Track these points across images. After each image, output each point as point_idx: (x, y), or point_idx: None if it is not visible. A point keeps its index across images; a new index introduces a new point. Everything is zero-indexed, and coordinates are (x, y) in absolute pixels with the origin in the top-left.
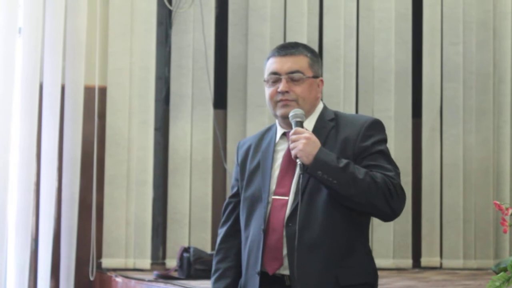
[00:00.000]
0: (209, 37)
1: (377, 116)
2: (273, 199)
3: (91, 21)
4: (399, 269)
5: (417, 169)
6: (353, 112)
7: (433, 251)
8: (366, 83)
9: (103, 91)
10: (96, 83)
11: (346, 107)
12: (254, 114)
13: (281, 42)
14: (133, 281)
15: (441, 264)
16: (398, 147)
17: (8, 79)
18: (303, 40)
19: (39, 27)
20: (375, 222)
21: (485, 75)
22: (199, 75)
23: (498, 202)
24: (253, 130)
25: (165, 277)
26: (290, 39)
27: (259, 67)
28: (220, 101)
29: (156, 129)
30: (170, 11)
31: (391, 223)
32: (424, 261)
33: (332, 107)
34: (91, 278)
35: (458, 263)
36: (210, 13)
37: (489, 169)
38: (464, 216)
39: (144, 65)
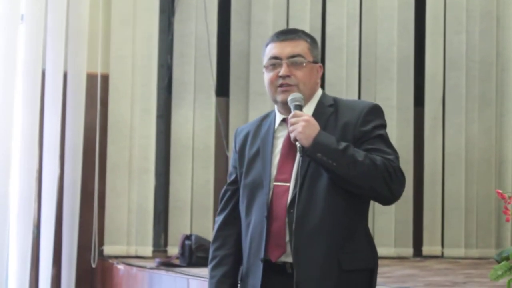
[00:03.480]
0: (212, 25)
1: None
2: (275, 185)
3: (94, 9)
4: (400, 258)
5: (419, 158)
6: None
7: (435, 240)
8: (368, 72)
9: (105, 78)
10: (99, 70)
11: (349, 96)
12: (256, 102)
13: None
14: (134, 269)
15: (442, 253)
16: (400, 135)
17: (10, 66)
18: (306, 28)
19: (41, 14)
20: (377, 210)
21: (488, 64)
22: (202, 63)
23: (500, 191)
24: (255, 117)
25: (167, 264)
26: (293, 26)
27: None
28: (222, 89)
29: (158, 117)
30: None
31: (392, 212)
32: (426, 250)
33: (335, 95)
34: (93, 265)
35: (460, 252)
36: (212, 1)
37: (491, 159)
38: (466, 205)
39: (147, 52)
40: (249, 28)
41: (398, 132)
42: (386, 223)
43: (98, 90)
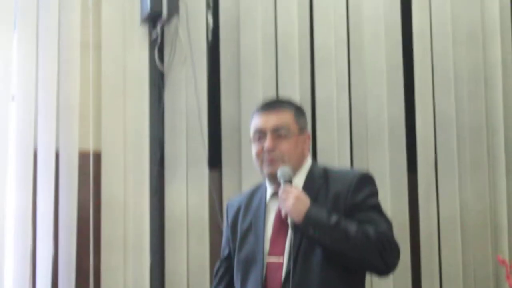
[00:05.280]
0: (202, 97)
1: (373, 171)
2: (268, 261)
3: (84, 85)
4: None
5: (415, 224)
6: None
7: None
8: (360, 139)
9: (97, 155)
10: (91, 147)
11: (341, 163)
12: (249, 173)
13: None
14: None
15: None
16: (394, 202)
17: (2, 146)
18: (296, 97)
19: (32, 93)
20: (375, 280)
21: (478, 127)
22: (193, 136)
23: (501, 257)
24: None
25: None
26: (282, 96)
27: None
28: (214, 161)
29: (151, 192)
30: (162, 72)
31: (390, 281)
32: None
33: (327, 162)
34: None
35: None
36: (202, 72)
37: (486, 223)
38: (464, 271)
39: (138, 127)
40: (239, 99)
41: (392, 199)
42: None
43: (91, 168)
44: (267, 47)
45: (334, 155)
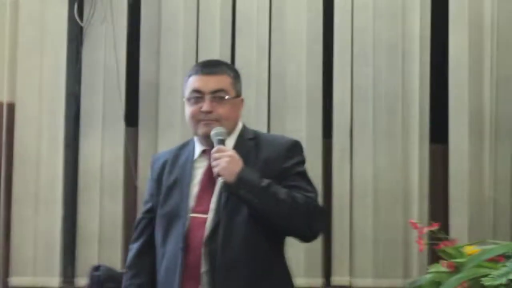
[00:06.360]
0: (121, 54)
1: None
2: (192, 217)
3: (0, 36)
4: None
5: (327, 189)
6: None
7: (343, 270)
8: (277, 103)
9: (11, 107)
10: (5, 99)
11: (258, 127)
12: (165, 132)
13: (193, 61)
14: None
15: (350, 283)
16: (309, 167)
17: None
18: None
19: None
20: (287, 241)
21: (394, 97)
22: (111, 93)
23: (414, 221)
24: (165, 148)
25: None
26: (203, 57)
27: (171, 86)
28: (131, 119)
29: (66, 146)
30: (81, 28)
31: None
32: (335, 280)
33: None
34: None
35: (367, 282)
36: (122, 30)
37: (398, 191)
38: (374, 236)
39: (54, 81)
40: (158, 58)
41: (307, 164)
42: (296, 253)
43: (4, 119)
44: (188, 7)
45: (251, 118)
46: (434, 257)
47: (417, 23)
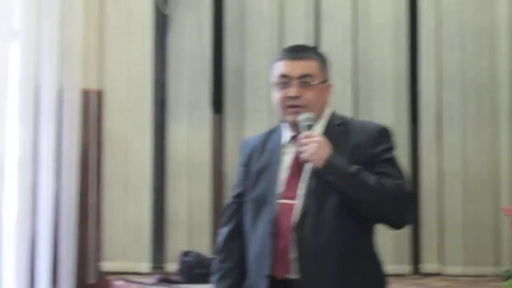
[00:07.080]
0: (206, 41)
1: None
2: (281, 202)
3: (87, 25)
4: (397, 275)
5: (416, 175)
6: None
7: (432, 257)
8: (363, 90)
9: (100, 94)
10: (93, 86)
11: (345, 113)
12: (251, 118)
13: (278, 46)
14: (133, 285)
15: (440, 270)
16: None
17: (3, 82)
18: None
19: (34, 30)
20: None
21: (482, 83)
22: (197, 80)
23: (508, 207)
24: (251, 134)
25: (167, 280)
26: (287, 43)
27: (256, 71)
28: (217, 105)
29: (154, 133)
30: (166, 16)
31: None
32: (423, 267)
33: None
34: (91, 282)
35: (458, 269)
36: (206, 17)
37: (488, 178)
38: (464, 223)
39: (141, 69)
40: (242, 44)
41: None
42: (383, 240)
43: (94, 106)
44: None
45: (337, 105)
46: None
47: (505, 7)
